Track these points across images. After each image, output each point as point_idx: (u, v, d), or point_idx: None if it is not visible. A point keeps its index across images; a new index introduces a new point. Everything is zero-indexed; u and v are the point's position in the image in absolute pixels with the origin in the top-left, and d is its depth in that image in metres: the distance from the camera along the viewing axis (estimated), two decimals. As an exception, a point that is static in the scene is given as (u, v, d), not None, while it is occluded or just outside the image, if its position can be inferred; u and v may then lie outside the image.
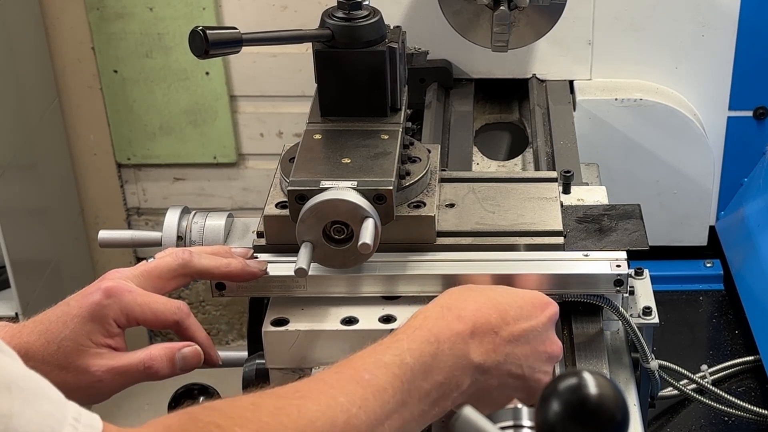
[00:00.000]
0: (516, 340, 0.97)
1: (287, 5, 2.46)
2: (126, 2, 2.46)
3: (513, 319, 0.97)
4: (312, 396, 0.84)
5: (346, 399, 0.84)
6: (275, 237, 1.15)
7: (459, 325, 0.94)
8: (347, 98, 1.22)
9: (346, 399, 0.84)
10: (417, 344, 0.91)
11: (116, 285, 1.02)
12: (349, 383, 0.85)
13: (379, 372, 0.87)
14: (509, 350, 0.96)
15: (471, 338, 0.94)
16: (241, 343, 2.87)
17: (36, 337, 0.99)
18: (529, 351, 0.97)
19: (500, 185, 1.26)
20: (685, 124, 1.70)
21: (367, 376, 0.86)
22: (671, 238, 1.80)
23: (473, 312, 0.96)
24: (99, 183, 2.71)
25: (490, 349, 0.94)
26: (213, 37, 1.09)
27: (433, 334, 0.92)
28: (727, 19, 1.68)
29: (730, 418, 1.42)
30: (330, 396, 0.84)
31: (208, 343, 1.07)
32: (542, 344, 0.99)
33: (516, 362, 0.96)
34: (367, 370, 0.87)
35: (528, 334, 0.98)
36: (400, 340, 0.91)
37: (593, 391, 0.75)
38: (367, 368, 0.87)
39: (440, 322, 0.94)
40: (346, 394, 0.84)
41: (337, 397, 0.84)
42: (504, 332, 0.96)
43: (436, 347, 0.91)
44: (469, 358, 0.93)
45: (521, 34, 1.56)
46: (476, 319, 0.95)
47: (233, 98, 2.58)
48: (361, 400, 0.84)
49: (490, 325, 0.95)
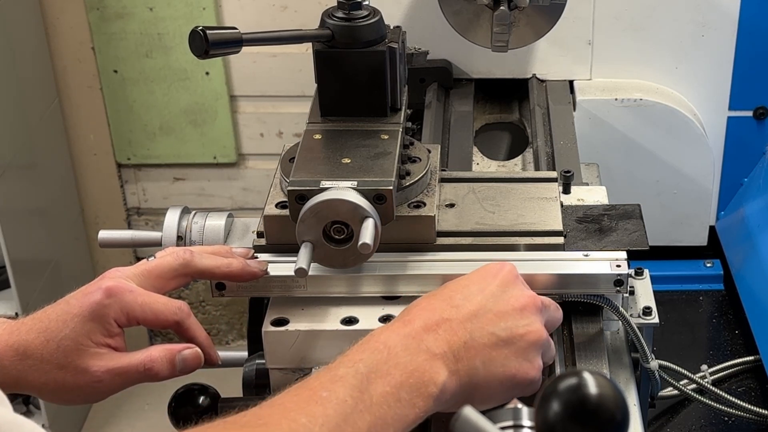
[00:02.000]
0: (474, 315, 0.96)
1: (287, 5, 2.46)
2: (126, 2, 2.46)
3: (462, 299, 0.97)
4: (273, 422, 0.83)
5: (307, 419, 0.84)
6: (275, 237, 1.15)
7: (405, 328, 0.94)
8: (347, 98, 1.22)
9: (308, 419, 0.84)
10: (367, 354, 0.91)
11: (117, 284, 1.02)
12: (308, 403, 0.85)
13: (335, 386, 0.87)
14: (471, 327, 0.95)
15: (424, 333, 0.93)
16: (241, 343, 2.87)
17: (35, 335, 0.99)
18: (494, 316, 0.97)
19: (500, 185, 1.26)
20: (685, 124, 1.70)
21: (324, 393, 0.86)
22: (671, 238, 1.80)
23: (417, 312, 0.96)
24: (99, 183, 2.72)
25: (449, 335, 0.94)
26: (213, 37, 1.09)
27: (381, 342, 0.92)
28: (727, 19, 1.68)
29: (730, 418, 1.42)
30: (291, 419, 0.84)
31: (208, 344, 1.07)
32: (507, 303, 0.98)
33: (486, 333, 0.96)
34: (324, 388, 0.87)
35: (485, 304, 0.97)
36: (351, 354, 0.92)
37: (593, 391, 0.75)
38: (324, 386, 0.87)
39: (386, 331, 0.94)
40: (307, 414, 0.84)
41: (298, 419, 0.84)
42: (457, 315, 0.96)
43: (386, 353, 0.91)
44: (430, 352, 0.92)
45: (521, 34, 1.56)
46: (423, 317, 0.95)
47: (233, 98, 2.59)
48: (323, 417, 0.84)
49: (439, 316, 0.95)
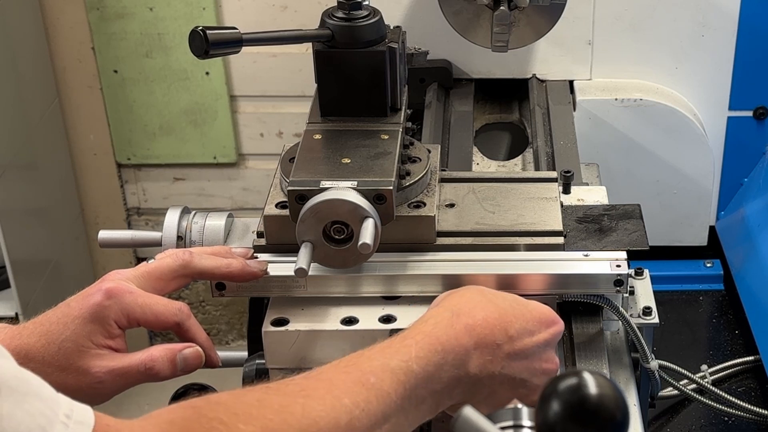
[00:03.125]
0: (515, 355, 0.97)
1: (287, 5, 2.46)
2: (126, 2, 2.46)
3: (517, 333, 0.97)
4: (317, 395, 0.84)
5: (350, 401, 0.84)
6: (275, 237, 1.15)
7: (465, 338, 0.94)
8: (347, 98, 1.22)
9: (351, 401, 0.84)
10: (425, 352, 0.91)
11: (117, 286, 1.02)
12: (355, 385, 0.85)
13: (385, 376, 0.87)
14: (506, 363, 0.96)
15: (474, 350, 0.94)
16: (241, 343, 2.87)
17: (36, 339, 0.99)
18: (525, 366, 0.98)
19: (500, 185, 1.26)
20: (685, 124, 1.70)
21: (372, 379, 0.86)
22: (671, 238, 1.80)
23: (481, 321, 0.95)
24: (99, 183, 2.71)
25: (488, 361, 0.95)
26: (213, 37, 1.09)
27: (441, 343, 0.92)
28: (727, 19, 1.68)
29: (730, 418, 1.42)
30: (335, 396, 0.84)
31: (209, 345, 1.07)
32: (539, 360, 0.99)
33: (510, 374, 0.97)
34: (374, 374, 0.87)
35: (528, 350, 0.98)
36: (409, 345, 0.91)
37: (593, 391, 0.75)
38: (374, 371, 0.87)
39: (449, 330, 0.94)
40: (351, 395, 0.84)
41: (341, 398, 0.84)
42: (506, 347, 0.96)
43: (441, 357, 0.91)
44: (466, 370, 0.93)
45: (521, 34, 1.56)
46: (481, 331, 0.95)
47: (233, 98, 2.59)
48: (365, 402, 0.84)
49: (493, 338, 0.95)
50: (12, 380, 0.70)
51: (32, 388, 0.72)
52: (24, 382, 0.72)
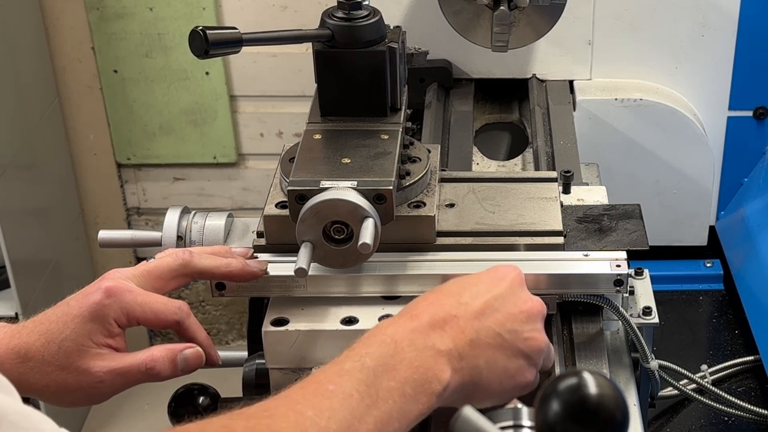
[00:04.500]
0: (481, 314, 0.95)
1: (287, 5, 2.46)
2: (126, 2, 2.46)
3: (471, 298, 0.96)
4: (279, 414, 0.83)
5: (313, 412, 0.84)
6: (275, 237, 1.15)
7: (412, 323, 0.93)
8: (347, 98, 1.22)
9: (314, 412, 0.84)
10: (374, 348, 0.90)
11: (117, 285, 1.02)
12: (315, 396, 0.85)
13: (342, 380, 0.87)
14: (478, 326, 0.95)
15: (431, 330, 0.93)
16: (241, 343, 2.87)
17: (36, 338, 0.99)
18: (501, 317, 0.96)
19: (500, 185, 1.26)
20: (685, 124, 1.70)
21: (331, 387, 0.86)
22: (671, 238, 1.80)
23: (425, 307, 0.95)
24: (99, 183, 2.72)
25: (456, 333, 0.94)
26: (213, 37, 1.09)
27: (388, 335, 0.92)
28: (727, 19, 1.68)
29: (730, 418, 1.42)
30: (297, 411, 0.84)
31: (209, 343, 1.07)
32: (514, 306, 0.97)
33: (491, 333, 0.95)
34: (331, 381, 0.87)
35: (493, 304, 0.96)
36: (357, 347, 0.91)
37: (593, 391, 0.75)
38: (330, 379, 0.87)
39: (393, 325, 0.94)
40: (313, 407, 0.84)
41: (304, 412, 0.83)
42: (465, 312, 0.95)
43: (393, 347, 0.91)
44: (435, 348, 0.92)
45: (521, 34, 1.56)
46: (431, 312, 0.94)
47: (233, 98, 2.59)
48: (329, 411, 0.84)
49: (446, 312, 0.95)
50: (13, 415, 0.70)
51: (33, 424, 0.71)
52: (25, 418, 0.71)
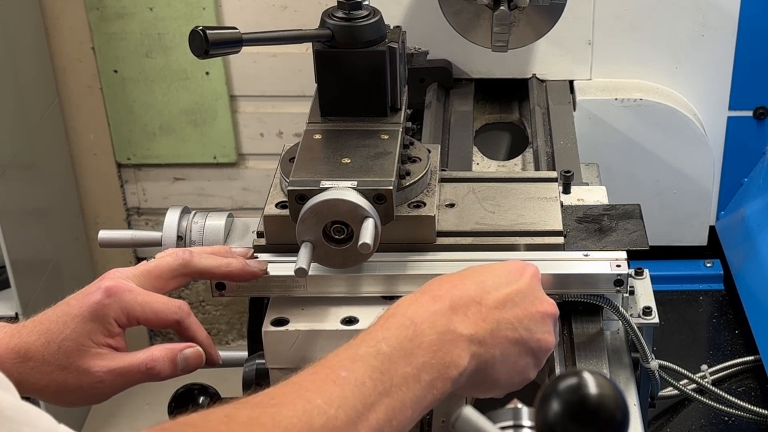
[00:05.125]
0: (503, 306, 0.95)
1: (287, 5, 2.46)
2: (126, 2, 2.47)
3: (493, 287, 0.96)
4: (287, 401, 0.81)
5: (323, 400, 0.81)
6: (275, 237, 1.15)
7: (435, 304, 0.92)
8: (347, 98, 1.22)
9: (323, 400, 0.81)
10: (392, 331, 0.89)
11: (117, 284, 1.02)
12: (326, 383, 0.83)
13: (355, 366, 0.85)
14: (498, 316, 0.94)
15: (453, 313, 0.92)
16: (241, 343, 2.87)
17: (36, 337, 0.99)
18: (520, 313, 0.96)
19: (500, 185, 1.26)
20: (685, 124, 1.70)
21: (343, 373, 0.84)
22: (671, 238, 1.80)
23: (448, 289, 0.94)
24: (99, 183, 2.72)
25: (478, 319, 0.93)
26: (213, 37, 1.09)
27: (408, 317, 0.90)
28: (727, 19, 1.68)
29: (730, 418, 1.42)
30: (306, 399, 0.81)
31: (209, 343, 1.07)
32: (532, 305, 0.98)
33: (510, 326, 0.95)
34: (344, 367, 0.85)
35: (514, 297, 0.96)
36: (374, 330, 0.89)
37: (593, 391, 0.75)
38: (343, 365, 0.85)
39: (414, 305, 0.92)
40: (323, 394, 0.82)
41: (313, 400, 0.81)
42: (487, 300, 0.95)
43: (413, 330, 0.89)
44: (457, 332, 0.91)
45: (521, 34, 1.56)
46: (453, 295, 0.93)
47: (233, 98, 2.59)
48: (340, 399, 0.82)
49: (470, 297, 0.94)
50: (9, 410, 0.70)
51: (29, 419, 0.71)
52: (22, 413, 0.71)
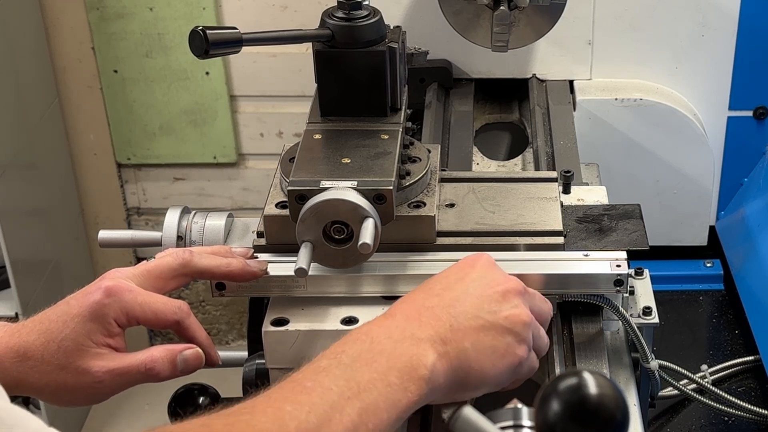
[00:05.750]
0: (456, 301, 0.96)
1: (287, 5, 2.46)
2: (126, 2, 2.47)
3: (442, 289, 0.98)
4: (258, 411, 0.83)
5: (292, 407, 0.84)
6: (275, 237, 1.15)
7: (387, 320, 0.94)
8: (347, 98, 1.22)
9: (293, 407, 0.84)
10: (349, 345, 0.91)
11: (117, 284, 1.02)
12: (293, 393, 0.86)
13: (319, 377, 0.87)
14: (453, 311, 0.95)
15: (406, 323, 0.94)
16: (241, 343, 2.87)
17: (35, 337, 0.99)
18: (476, 300, 0.97)
19: (500, 185, 1.26)
20: (685, 124, 1.70)
21: (309, 383, 0.87)
22: (671, 238, 1.80)
23: (398, 307, 0.97)
24: (99, 183, 2.72)
25: (432, 321, 0.94)
26: (213, 37, 1.09)
27: (363, 332, 0.93)
28: (727, 19, 1.68)
29: (730, 418, 1.42)
30: (276, 407, 0.84)
31: (208, 343, 1.07)
32: (487, 287, 0.98)
33: (470, 316, 0.96)
34: (308, 379, 0.87)
35: (466, 288, 0.98)
36: (333, 347, 0.92)
37: (593, 391, 0.75)
38: (308, 377, 0.88)
39: (368, 324, 0.95)
40: (292, 402, 0.84)
41: (283, 407, 0.84)
42: (438, 302, 0.96)
43: (369, 343, 0.91)
44: (415, 337, 0.92)
45: (521, 34, 1.56)
46: (403, 309, 0.96)
47: (233, 98, 2.59)
48: (309, 404, 0.84)
49: (420, 305, 0.96)
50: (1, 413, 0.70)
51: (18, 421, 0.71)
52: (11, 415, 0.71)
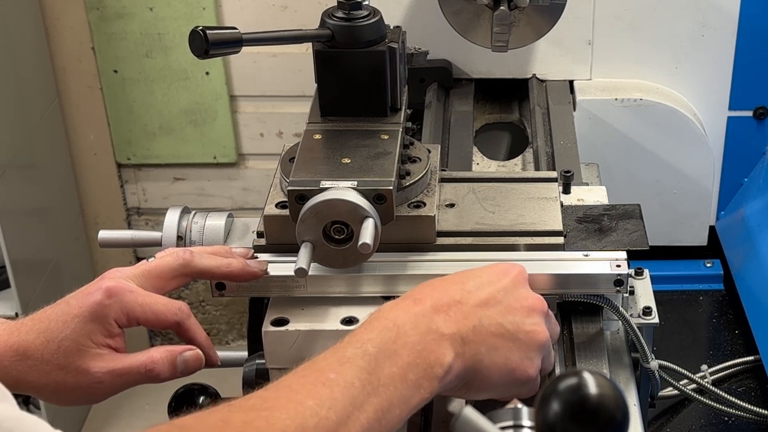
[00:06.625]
0: (485, 304, 0.97)
1: (287, 5, 2.46)
2: (126, 2, 2.47)
3: (475, 288, 0.97)
4: (279, 405, 0.83)
5: (314, 402, 0.83)
6: (275, 237, 1.15)
7: (416, 307, 0.94)
8: (347, 98, 1.22)
9: (314, 402, 0.83)
10: (376, 333, 0.91)
11: (117, 284, 1.02)
12: (315, 386, 0.85)
13: (343, 368, 0.87)
14: (481, 313, 0.96)
15: (434, 313, 0.94)
16: (241, 343, 2.87)
17: (35, 336, 0.99)
18: (504, 309, 0.97)
19: (500, 185, 1.26)
20: (685, 124, 1.70)
21: (332, 375, 0.86)
22: (671, 238, 1.80)
23: (429, 292, 0.96)
24: (99, 183, 2.72)
25: (460, 318, 0.94)
26: (213, 37, 1.09)
27: (390, 320, 0.92)
28: (727, 19, 1.68)
29: (730, 418, 1.42)
30: (297, 402, 0.83)
31: (208, 345, 1.07)
32: (516, 301, 0.99)
33: (494, 322, 0.96)
34: (332, 369, 0.87)
35: (496, 295, 0.98)
36: (359, 333, 0.91)
37: (593, 391, 0.75)
38: (332, 367, 0.87)
39: (396, 309, 0.94)
40: (314, 397, 0.84)
41: (304, 402, 0.83)
42: (469, 300, 0.96)
43: (395, 332, 0.91)
44: (439, 332, 0.92)
45: (521, 34, 1.56)
46: (434, 297, 0.95)
47: (233, 98, 2.59)
48: (330, 400, 0.84)
49: (451, 298, 0.95)
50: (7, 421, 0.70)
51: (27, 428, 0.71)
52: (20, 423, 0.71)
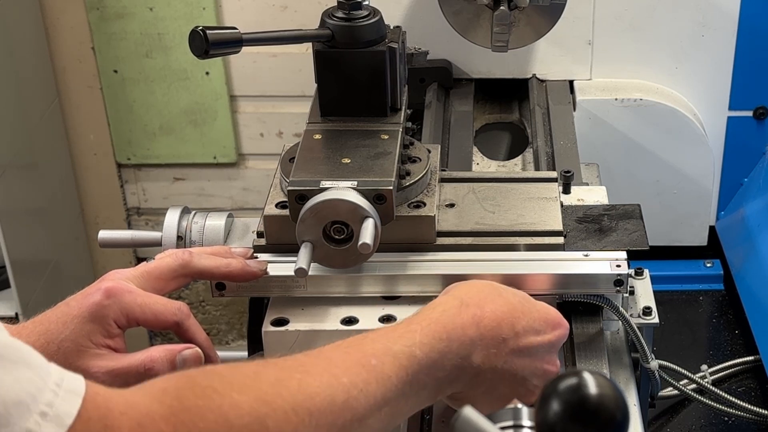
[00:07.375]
0: (520, 352, 0.97)
1: (287, 5, 2.46)
2: (126, 2, 2.46)
3: (523, 330, 0.97)
4: (315, 372, 0.83)
5: (348, 380, 0.84)
6: (275, 237, 1.15)
7: (471, 329, 0.94)
8: (347, 98, 1.22)
9: (349, 380, 0.84)
10: (429, 339, 0.91)
11: (116, 285, 1.02)
12: (355, 365, 0.85)
13: (386, 360, 0.87)
14: (509, 359, 0.96)
15: (479, 342, 0.94)
16: (241, 343, 2.87)
17: (36, 338, 0.99)
18: (528, 364, 0.98)
19: (500, 185, 1.26)
20: (685, 124, 1.70)
21: (374, 361, 0.86)
22: (671, 238, 1.80)
23: (489, 314, 0.96)
24: (99, 183, 2.71)
25: (492, 354, 0.95)
26: (213, 37, 1.09)
27: (447, 331, 0.92)
28: (727, 19, 1.68)
29: (730, 418, 1.42)
30: (333, 375, 0.84)
31: (208, 344, 1.07)
32: (542, 361, 0.99)
33: (512, 370, 0.97)
34: (375, 356, 0.87)
35: (533, 348, 0.98)
36: (414, 331, 0.91)
37: (593, 391, 0.75)
38: (376, 354, 0.87)
39: (456, 319, 0.94)
40: (350, 375, 0.84)
41: (340, 377, 0.83)
42: (511, 342, 0.96)
43: (446, 345, 0.91)
44: (470, 360, 0.94)
45: (521, 34, 1.56)
46: (488, 323, 0.95)
47: (233, 98, 2.58)
48: (364, 383, 0.84)
49: (499, 332, 0.96)
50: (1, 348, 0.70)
51: (22, 356, 0.71)
52: (14, 350, 0.71)
